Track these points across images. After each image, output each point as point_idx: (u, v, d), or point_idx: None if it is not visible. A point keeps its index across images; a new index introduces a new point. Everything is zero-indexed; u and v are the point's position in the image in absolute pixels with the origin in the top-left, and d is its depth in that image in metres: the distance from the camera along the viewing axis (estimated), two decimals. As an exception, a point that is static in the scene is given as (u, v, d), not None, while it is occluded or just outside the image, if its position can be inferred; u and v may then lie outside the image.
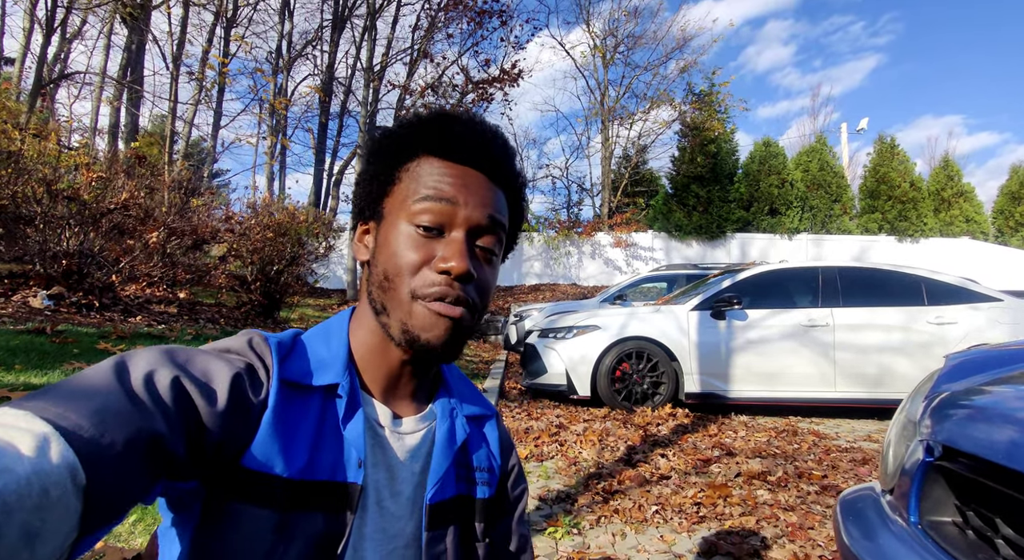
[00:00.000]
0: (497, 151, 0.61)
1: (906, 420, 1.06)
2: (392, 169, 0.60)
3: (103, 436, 0.38)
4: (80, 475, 0.35)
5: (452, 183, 0.57)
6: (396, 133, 0.61)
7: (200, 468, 0.47)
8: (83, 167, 5.40)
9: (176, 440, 0.43)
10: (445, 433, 0.62)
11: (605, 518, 2.44)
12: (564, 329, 5.23)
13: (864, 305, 4.95)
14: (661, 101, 19.06)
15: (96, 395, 0.40)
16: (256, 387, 0.52)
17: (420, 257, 0.55)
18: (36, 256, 5.05)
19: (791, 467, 3.19)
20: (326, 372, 0.56)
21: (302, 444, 0.52)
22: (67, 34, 15.65)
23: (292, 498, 0.51)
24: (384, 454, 0.58)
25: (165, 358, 0.47)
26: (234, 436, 0.49)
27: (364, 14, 16.85)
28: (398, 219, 0.57)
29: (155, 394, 0.43)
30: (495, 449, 0.70)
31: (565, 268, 16.70)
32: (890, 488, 1.00)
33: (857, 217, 17.39)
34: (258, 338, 0.56)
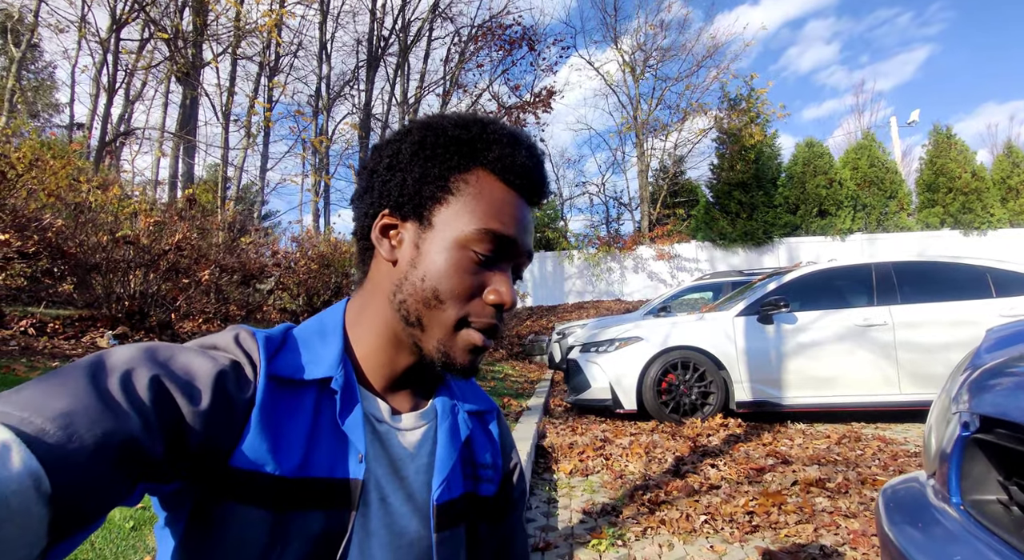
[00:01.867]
0: (546, 179, 0.61)
1: (946, 399, 0.98)
2: (446, 175, 0.57)
3: (70, 440, 0.36)
4: (44, 483, 0.33)
5: (513, 216, 0.57)
6: (456, 137, 0.58)
7: (183, 469, 0.45)
8: (142, 214, 5.78)
9: (153, 442, 0.41)
10: (448, 430, 0.60)
11: (651, 529, 2.35)
12: (606, 342, 5.15)
13: (925, 301, 4.66)
14: (695, 111, 18.84)
15: (65, 396, 0.38)
16: (243, 384, 0.50)
17: (474, 285, 0.55)
18: (103, 299, 5.40)
19: (853, 474, 2.99)
20: (319, 365, 0.54)
21: (296, 441, 0.50)
22: (129, 96, 16.96)
23: (287, 497, 0.49)
24: (385, 449, 0.56)
25: (145, 356, 0.45)
26: (220, 436, 0.47)
27: (397, 51, 17.55)
28: (452, 237, 0.55)
29: (132, 394, 0.41)
30: (496, 445, 0.68)
31: (608, 284, 16.52)
32: (932, 472, 0.93)
33: (916, 213, 16.51)
34: (245, 333, 0.54)
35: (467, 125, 0.58)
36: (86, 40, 13.72)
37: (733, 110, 17.36)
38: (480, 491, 0.63)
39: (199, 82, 15.25)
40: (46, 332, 5.05)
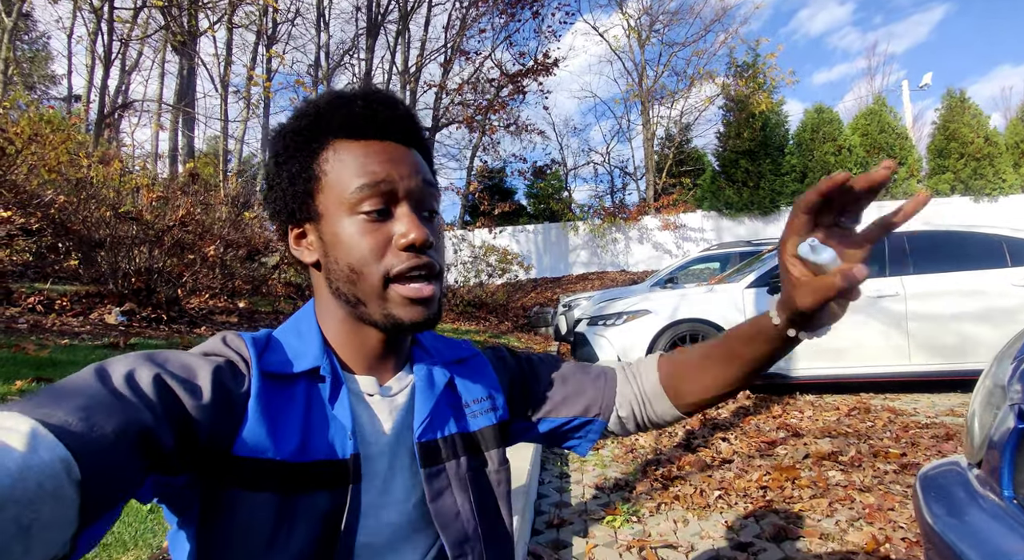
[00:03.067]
0: (403, 116, 0.60)
1: (992, 385, 0.94)
2: (308, 165, 0.58)
3: (92, 430, 0.38)
4: (74, 468, 0.36)
5: (378, 162, 0.57)
6: (298, 128, 0.59)
7: (191, 461, 0.48)
8: (144, 189, 5.71)
9: (164, 432, 0.44)
10: (424, 378, 0.63)
11: (665, 505, 2.36)
12: (614, 315, 5.12)
13: (938, 271, 4.60)
14: (702, 77, 18.38)
15: (78, 395, 0.41)
16: (238, 379, 0.53)
17: (378, 241, 0.56)
18: (109, 276, 5.38)
19: (865, 446, 2.99)
20: (304, 358, 0.58)
21: (292, 429, 0.53)
22: (126, 67, 16.64)
23: (290, 480, 0.51)
24: (379, 421, 0.60)
25: (144, 359, 0.48)
26: (222, 427, 0.50)
27: (397, 18, 17.09)
28: (340, 214, 0.57)
29: (138, 390, 0.44)
30: (491, 375, 0.71)
31: (612, 255, 16.44)
32: (977, 461, 0.89)
33: (926, 179, 16.25)
34: (231, 336, 0.58)
35: (302, 112, 0.60)
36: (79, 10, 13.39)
37: (740, 77, 16.92)
38: (472, 426, 0.66)
39: (196, 52, 14.93)
40: (54, 309, 5.05)
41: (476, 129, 16.58)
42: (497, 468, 0.66)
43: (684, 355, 0.71)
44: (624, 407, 0.73)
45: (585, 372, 0.76)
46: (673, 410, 0.71)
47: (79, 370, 0.45)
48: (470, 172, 18.29)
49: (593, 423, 0.74)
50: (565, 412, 0.73)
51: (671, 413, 0.72)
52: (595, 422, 0.74)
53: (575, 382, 0.74)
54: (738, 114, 16.49)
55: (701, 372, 0.67)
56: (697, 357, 0.68)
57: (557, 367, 0.76)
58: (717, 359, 0.65)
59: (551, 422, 0.74)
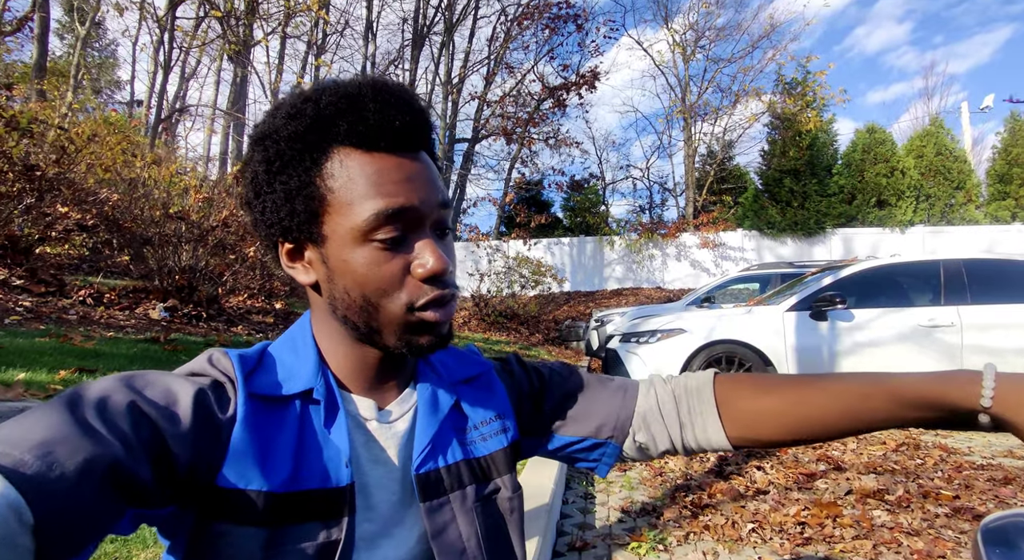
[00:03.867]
0: (418, 118, 0.53)
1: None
2: (310, 180, 0.51)
3: (51, 469, 0.36)
4: (26, 514, 0.34)
5: (394, 182, 0.50)
6: (296, 133, 0.51)
7: (173, 493, 0.45)
8: (192, 190, 5.92)
9: (138, 465, 0.41)
10: (427, 402, 0.59)
11: (694, 535, 2.25)
12: (647, 333, 5.01)
13: (998, 302, 4.33)
14: (748, 94, 18.06)
15: (42, 428, 0.38)
16: (223, 404, 0.49)
17: (396, 271, 0.52)
18: (155, 272, 5.58)
19: (914, 485, 2.80)
20: (297, 379, 0.54)
21: (283, 456, 0.50)
22: (184, 73, 17.47)
23: (279, 512, 0.48)
24: (378, 448, 0.56)
25: (120, 384, 0.45)
26: (204, 456, 0.46)
27: (442, 30, 17.42)
28: (350, 241, 0.51)
29: (110, 420, 0.41)
30: (501, 393, 0.66)
31: (648, 271, 16.19)
32: (1055, 517, 0.80)
33: (985, 205, 15.48)
34: (218, 354, 0.54)
35: (298, 111, 0.51)
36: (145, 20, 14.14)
37: (788, 95, 16.54)
38: (480, 451, 0.61)
39: (249, 60, 15.55)
40: (103, 302, 5.25)
41: (515, 140, 16.66)
42: (510, 495, 0.61)
43: (761, 384, 0.62)
44: (644, 430, 0.66)
45: (603, 386, 0.70)
46: (722, 436, 0.63)
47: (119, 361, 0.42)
48: (507, 183, 18.38)
49: (606, 446, 0.67)
50: (574, 430, 0.67)
51: (719, 440, 0.63)
52: (608, 445, 0.67)
53: (588, 397, 0.68)
54: (784, 132, 16.11)
55: (793, 410, 0.58)
56: (791, 396, 0.59)
57: (571, 379, 0.70)
58: (829, 404, 0.56)
59: (560, 439, 0.68)
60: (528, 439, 0.69)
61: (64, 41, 22.09)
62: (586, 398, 0.68)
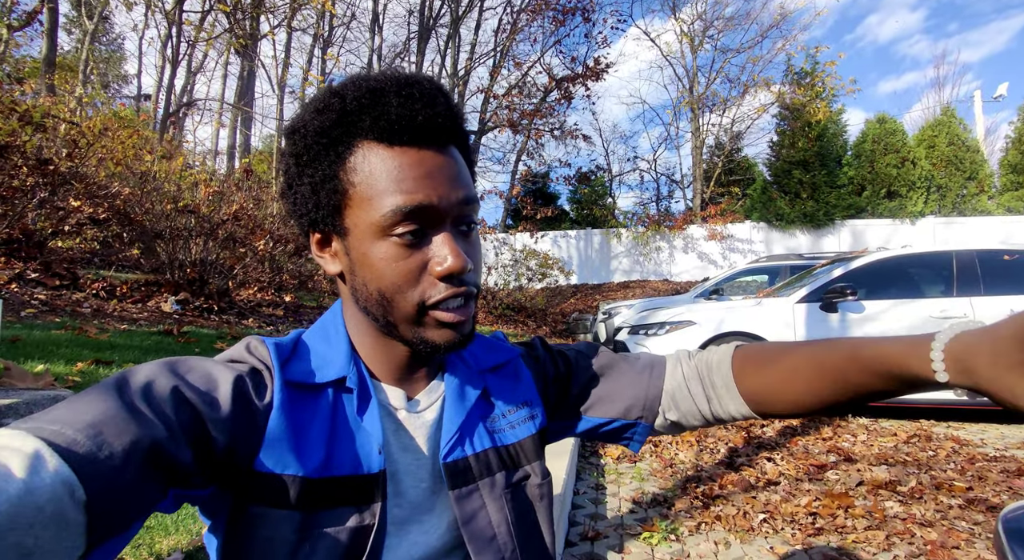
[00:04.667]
0: (444, 112, 0.52)
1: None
2: (334, 172, 0.52)
3: (100, 449, 0.38)
4: (79, 490, 0.35)
5: (414, 178, 0.50)
6: (322, 127, 0.51)
7: (211, 475, 0.47)
8: (202, 183, 5.95)
9: (180, 447, 0.43)
10: (454, 390, 0.60)
11: (706, 525, 2.26)
12: (656, 325, 5.00)
13: (1012, 293, 4.29)
14: (756, 85, 17.87)
15: (92, 410, 0.40)
16: (260, 391, 0.51)
17: (412, 268, 0.51)
18: (166, 265, 5.63)
19: (926, 477, 2.80)
20: (331, 367, 0.55)
21: (317, 442, 0.51)
22: (191, 68, 17.50)
23: (313, 497, 0.49)
24: (407, 437, 0.57)
25: (164, 369, 0.47)
26: (242, 441, 0.48)
27: (448, 22, 17.34)
28: (370, 234, 0.51)
29: (154, 404, 0.43)
30: (528, 379, 0.67)
31: (655, 264, 16.14)
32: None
33: (998, 196, 15.29)
34: (256, 342, 0.55)
35: (325, 106, 0.52)
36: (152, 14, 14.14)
37: (798, 85, 16.35)
38: (509, 439, 0.62)
39: (256, 54, 15.54)
40: (115, 295, 5.31)
41: (520, 132, 16.60)
42: (540, 482, 0.62)
43: (766, 356, 0.62)
44: (674, 408, 0.66)
45: (629, 365, 0.69)
46: (746, 409, 0.63)
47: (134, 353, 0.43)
48: (514, 176, 18.34)
49: (636, 426, 0.68)
50: (603, 412, 0.68)
51: (743, 413, 0.64)
52: (638, 425, 0.68)
53: (615, 377, 0.69)
54: (793, 123, 15.95)
55: (790, 384, 0.58)
56: (787, 368, 0.59)
57: (597, 359, 0.70)
58: (815, 376, 0.56)
59: (589, 421, 0.69)
60: (556, 423, 0.69)
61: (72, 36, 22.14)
62: (613, 379, 0.69)
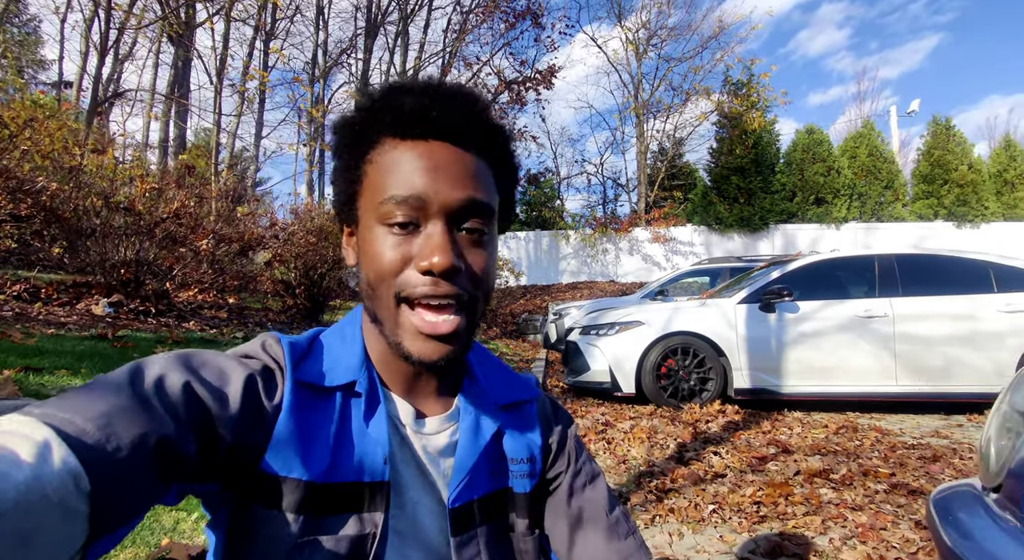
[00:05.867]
0: (462, 113, 0.53)
1: (1009, 411, 0.96)
2: (357, 163, 0.54)
3: (108, 440, 0.38)
4: (84, 480, 0.35)
5: (420, 168, 0.51)
6: (352, 121, 0.55)
7: (216, 472, 0.47)
8: (137, 179, 5.63)
9: (186, 443, 0.43)
10: (469, 429, 0.58)
11: (660, 517, 2.37)
12: (607, 325, 5.14)
13: (926, 294, 4.68)
14: (697, 93, 18.62)
15: (104, 400, 0.40)
16: (271, 390, 0.51)
17: (398, 257, 0.51)
18: (97, 266, 5.29)
19: (855, 465, 3.03)
20: (342, 371, 0.55)
21: (322, 446, 0.51)
22: (119, 55, 16.45)
23: (316, 502, 0.50)
24: (411, 452, 0.56)
25: (178, 363, 0.47)
26: (249, 441, 0.48)
27: (397, 20, 17.10)
28: (371, 221, 0.53)
29: (165, 398, 0.43)
30: (535, 435, 0.64)
31: (603, 265, 16.52)
32: (994, 485, 0.91)
33: (911, 203, 16.58)
34: (271, 340, 0.55)
35: (361, 103, 0.55)
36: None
37: (735, 95, 17.16)
38: (515, 487, 0.60)
39: (192, 43, 14.80)
40: (40, 298, 4.95)
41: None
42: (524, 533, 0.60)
43: None
44: None
45: (608, 539, 0.63)
46: None
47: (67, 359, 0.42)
48: (464, 176, 18.27)
49: None
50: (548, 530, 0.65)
51: None
52: None
53: (584, 537, 0.63)
54: (731, 131, 16.73)
55: None
56: None
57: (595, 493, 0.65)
58: None
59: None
60: None
61: (-19, 15, 20.34)
62: (583, 534, 0.64)
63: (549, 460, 0.66)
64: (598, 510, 0.64)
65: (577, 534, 0.63)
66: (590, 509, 0.64)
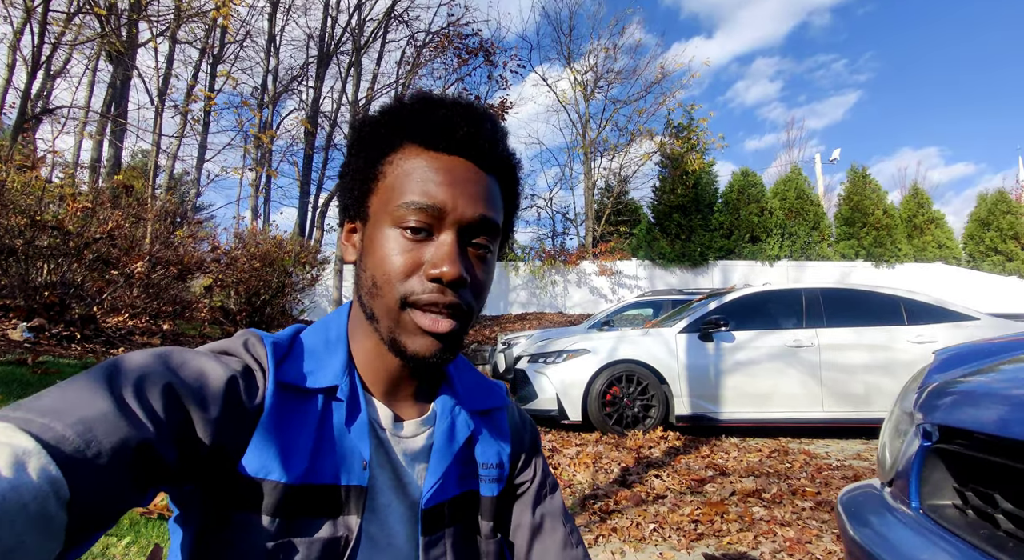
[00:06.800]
0: (487, 135, 0.56)
1: (900, 414, 1.09)
2: (375, 162, 0.56)
3: (88, 447, 0.37)
4: (63, 490, 0.35)
5: (440, 181, 0.53)
6: (377, 121, 0.57)
7: (194, 474, 0.46)
8: (68, 198, 5.37)
9: (167, 448, 0.42)
10: (444, 433, 0.60)
11: (603, 537, 2.42)
12: (554, 353, 5.24)
13: (847, 325, 5.05)
14: (641, 134, 19.56)
15: (83, 403, 0.39)
16: (251, 391, 0.50)
17: (409, 262, 0.52)
18: (17, 288, 4.95)
19: (785, 485, 3.20)
20: (325, 373, 0.55)
21: (302, 448, 0.51)
22: (51, 70, 15.71)
23: (292, 504, 0.49)
24: (388, 456, 0.57)
25: (158, 362, 0.46)
26: (228, 443, 0.48)
27: (350, 50, 17.22)
28: (383, 221, 0.54)
29: (145, 401, 0.42)
30: (504, 442, 0.66)
31: (551, 297, 16.76)
32: (889, 480, 1.03)
33: (835, 244, 17.83)
34: (254, 339, 0.55)
35: (387, 107, 0.57)
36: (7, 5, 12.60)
37: (677, 137, 18.16)
38: (482, 490, 0.62)
39: (133, 62, 14.36)
40: (-52, 321, 4.58)
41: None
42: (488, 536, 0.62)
43: None
44: None
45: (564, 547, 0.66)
46: None
47: None
48: (414, 206, 18.26)
49: None
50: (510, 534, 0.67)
51: None
52: None
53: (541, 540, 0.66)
54: (673, 171, 17.61)
55: None
56: None
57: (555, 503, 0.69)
58: None
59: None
60: None
61: None
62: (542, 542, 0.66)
63: (518, 467, 0.68)
64: (557, 519, 0.68)
65: (537, 540, 0.66)
66: (551, 518, 0.67)
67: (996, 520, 0.76)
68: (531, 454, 0.70)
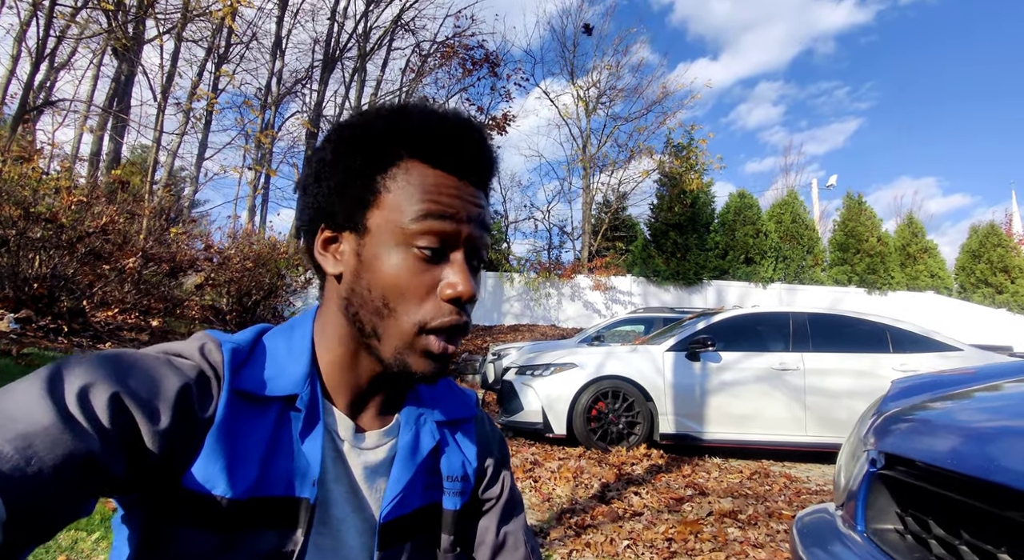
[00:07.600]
0: (487, 157, 0.56)
1: (856, 440, 1.12)
2: (372, 174, 0.53)
3: (29, 463, 0.36)
4: (0, 510, 0.33)
5: (454, 204, 0.53)
6: (373, 130, 0.54)
7: (141, 484, 0.45)
8: (63, 191, 5.38)
9: (113, 460, 0.41)
10: (408, 444, 0.58)
11: (577, 552, 2.42)
12: (542, 366, 5.25)
13: (833, 350, 5.08)
14: (641, 152, 19.74)
15: (23, 415, 0.37)
16: (205, 401, 0.48)
17: (426, 284, 0.52)
18: (6, 279, 4.95)
19: (762, 507, 3.21)
20: (285, 381, 0.53)
21: (252, 459, 0.49)
22: (55, 63, 15.77)
23: (237, 518, 0.47)
24: (345, 469, 0.55)
25: (104, 369, 0.43)
26: (176, 455, 0.46)
27: (355, 56, 17.37)
28: (392, 239, 0.52)
29: (91, 412, 0.40)
30: (471, 454, 0.64)
31: (545, 309, 16.79)
32: (841, 504, 1.06)
33: (828, 269, 17.97)
34: (212, 344, 0.52)
35: (384, 113, 0.55)
36: None
37: (676, 156, 18.33)
38: (445, 503, 0.60)
39: (138, 58, 14.44)
40: (-66, 309, 4.57)
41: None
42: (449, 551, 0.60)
43: None
44: None
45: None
46: None
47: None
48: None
49: None
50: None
51: None
52: None
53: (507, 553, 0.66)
54: (671, 189, 17.75)
55: None
56: None
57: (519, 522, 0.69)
58: None
59: None
60: None
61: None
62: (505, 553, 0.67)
63: (484, 482, 0.67)
64: (520, 538, 0.67)
65: (499, 558, 0.66)
66: (513, 536, 0.67)
67: (929, 545, 0.79)
68: (499, 468, 0.69)
